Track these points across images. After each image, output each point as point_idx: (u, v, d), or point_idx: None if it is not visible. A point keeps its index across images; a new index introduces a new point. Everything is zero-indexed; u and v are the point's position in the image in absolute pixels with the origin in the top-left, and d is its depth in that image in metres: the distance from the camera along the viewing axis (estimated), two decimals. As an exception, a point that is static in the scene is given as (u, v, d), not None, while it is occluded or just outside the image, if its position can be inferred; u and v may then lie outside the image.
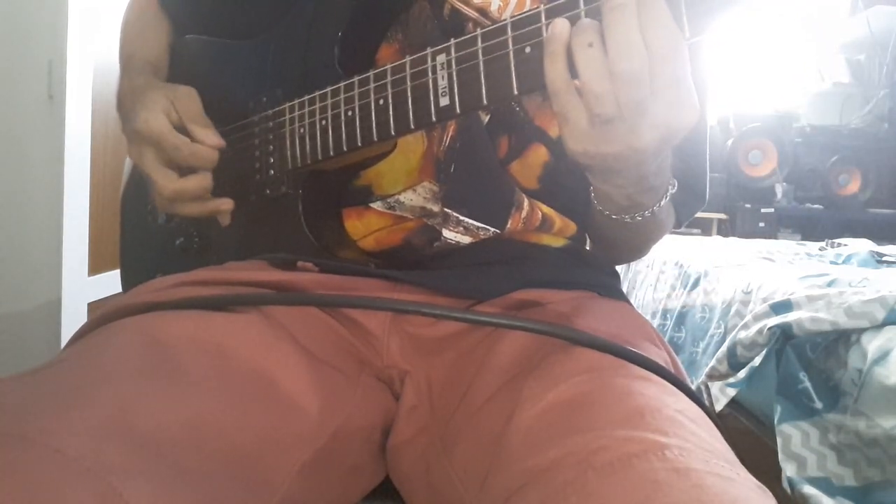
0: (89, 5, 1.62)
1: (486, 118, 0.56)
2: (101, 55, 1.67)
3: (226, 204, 0.59)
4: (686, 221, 0.64)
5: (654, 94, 0.37)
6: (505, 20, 0.42)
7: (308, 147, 0.55)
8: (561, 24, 0.38)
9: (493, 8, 0.54)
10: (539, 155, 0.57)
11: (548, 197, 0.59)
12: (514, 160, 0.57)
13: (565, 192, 0.58)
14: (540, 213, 0.58)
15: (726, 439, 0.41)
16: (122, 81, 0.67)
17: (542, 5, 0.40)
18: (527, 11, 0.41)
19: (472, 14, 0.54)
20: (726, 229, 3.12)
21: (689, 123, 0.38)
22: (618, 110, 0.38)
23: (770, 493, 0.35)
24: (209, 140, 0.57)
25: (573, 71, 0.38)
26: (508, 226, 0.57)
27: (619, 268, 0.67)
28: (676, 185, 0.51)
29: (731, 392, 1.20)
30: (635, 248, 0.64)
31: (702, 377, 1.30)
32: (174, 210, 0.59)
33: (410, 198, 0.56)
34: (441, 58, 0.45)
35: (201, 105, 0.59)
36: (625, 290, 0.64)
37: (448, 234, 0.56)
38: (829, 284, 1.23)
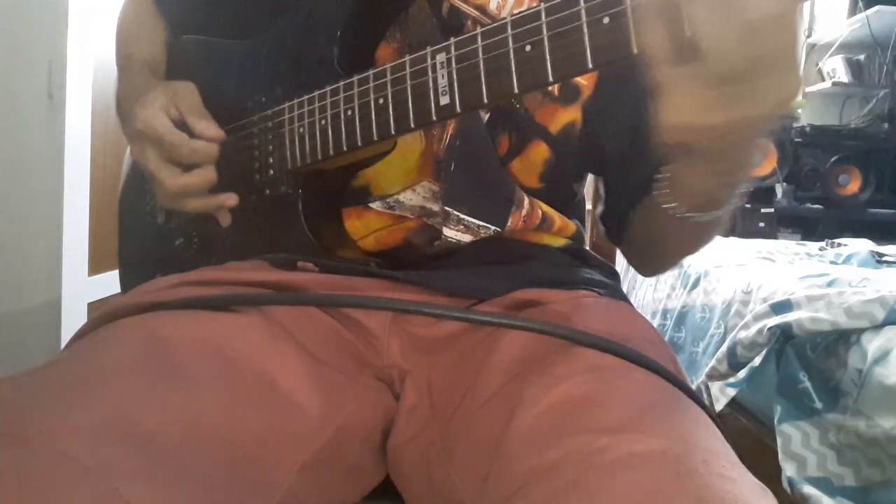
0: (89, 5, 1.62)
1: (485, 116, 0.56)
2: (100, 55, 1.68)
3: (230, 199, 0.59)
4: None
5: (776, 52, 0.33)
6: (504, 19, 0.42)
7: (308, 147, 0.55)
8: None
9: (492, 5, 0.54)
10: (540, 152, 0.57)
11: (549, 195, 0.59)
12: (515, 158, 0.57)
13: (567, 189, 0.58)
14: (540, 212, 0.58)
15: (726, 439, 0.41)
16: (120, 82, 0.67)
17: (541, 3, 0.40)
18: (526, 10, 0.41)
19: (472, 12, 0.54)
20: (726, 229, 3.11)
21: (796, 92, 0.35)
22: (743, 66, 0.33)
23: (771, 493, 0.35)
24: (208, 133, 0.57)
25: (683, 31, 0.33)
26: (509, 224, 0.57)
27: (618, 268, 0.67)
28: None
29: (731, 392, 1.20)
30: (680, 254, 0.60)
31: (702, 377, 1.30)
32: (179, 206, 0.59)
33: (410, 197, 0.56)
34: (441, 56, 0.45)
35: (200, 99, 0.59)
36: (625, 290, 0.64)
37: (448, 232, 0.56)
38: (829, 284, 1.23)
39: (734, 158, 0.41)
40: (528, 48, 0.41)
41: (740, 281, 1.40)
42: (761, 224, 3.06)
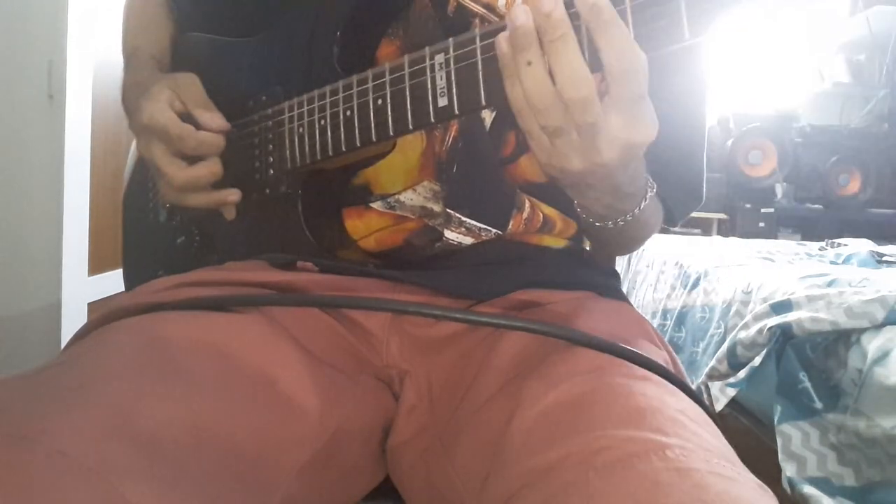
0: (89, 5, 1.62)
1: (492, 115, 0.56)
2: (101, 55, 1.68)
3: (233, 195, 0.58)
4: (682, 220, 0.63)
5: (606, 113, 0.38)
6: (503, 21, 0.42)
7: (307, 147, 0.55)
8: (502, 39, 0.39)
9: (501, 3, 0.54)
10: None
11: (558, 191, 0.59)
12: (523, 155, 0.57)
13: None
14: (541, 215, 0.58)
15: (726, 439, 0.41)
16: (125, 75, 0.66)
17: None
18: None
19: (479, 10, 0.54)
20: (726, 229, 3.12)
21: (647, 138, 0.40)
22: (572, 129, 0.39)
23: (771, 493, 0.35)
24: (214, 123, 0.57)
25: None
26: (510, 227, 0.57)
27: (619, 268, 0.68)
28: (655, 187, 0.52)
29: (731, 392, 1.20)
30: (624, 246, 0.65)
31: (702, 377, 1.30)
32: (183, 201, 0.58)
33: (411, 197, 0.56)
34: (439, 57, 0.44)
35: (203, 90, 0.59)
36: (625, 290, 0.64)
37: (450, 234, 0.56)
38: (829, 284, 1.23)
39: (605, 189, 0.46)
40: None
41: (740, 281, 1.41)
42: (761, 224, 3.06)
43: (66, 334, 1.58)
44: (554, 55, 0.37)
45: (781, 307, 1.18)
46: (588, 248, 0.66)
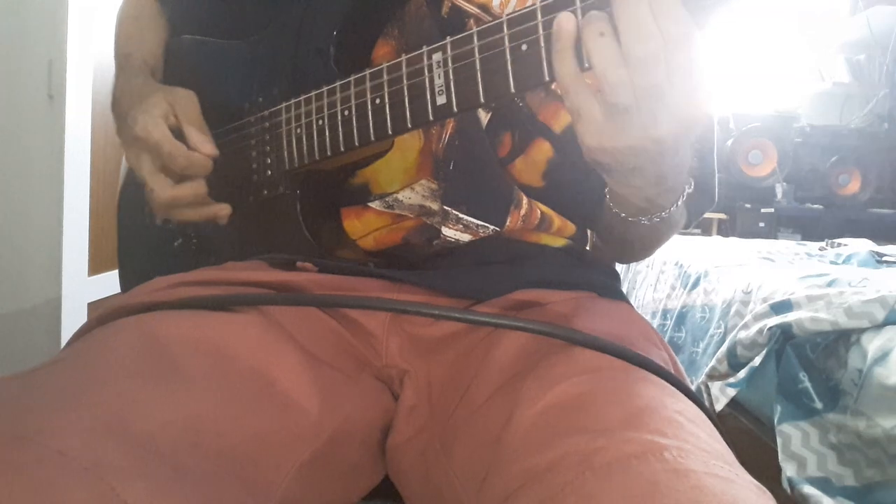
0: (89, 5, 1.62)
1: (488, 116, 0.56)
2: (100, 55, 1.68)
3: (223, 210, 0.59)
4: (696, 221, 0.62)
5: (670, 80, 0.36)
6: (500, 18, 0.42)
7: (305, 147, 0.55)
8: (566, 18, 0.38)
9: (495, 4, 0.54)
10: (543, 151, 0.57)
11: (553, 195, 0.59)
12: (518, 157, 0.57)
13: (570, 188, 0.58)
14: (539, 212, 0.58)
15: (726, 439, 0.41)
16: (118, 81, 0.66)
17: (538, 2, 0.40)
18: (523, 9, 0.41)
19: (474, 10, 0.54)
20: (726, 229, 3.12)
21: (705, 112, 0.38)
22: (634, 98, 0.37)
23: (770, 494, 0.35)
24: (204, 148, 0.57)
25: (584, 63, 0.38)
26: (507, 223, 0.57)
27: (619, 268, 0.67)
28: (692, 183, 0.50)
29: (731, 392, 1.20)
30: (646, 248, 0.63)
31: (702, 377, 1.30)
32: (171, 216, 0.59)
33: (409, 196, 0.56)
34: (437, 56, 0.45)
35: (199, 109, 0.59)
36: (625, 290, 0.64)
37: (447, 231, 0.56)
38: (829, 284, 1.23)
39: (650, 177, 0.43)
40: (523, 47, 0.40)
41: (740, 281, 1.40)
42: (761, 224, 3.06)
43: (66, 334, 1.58)
44: (622, 12, 0.36)
45: (781, 307, 1.18)
46: (588, 248, 0.66)
